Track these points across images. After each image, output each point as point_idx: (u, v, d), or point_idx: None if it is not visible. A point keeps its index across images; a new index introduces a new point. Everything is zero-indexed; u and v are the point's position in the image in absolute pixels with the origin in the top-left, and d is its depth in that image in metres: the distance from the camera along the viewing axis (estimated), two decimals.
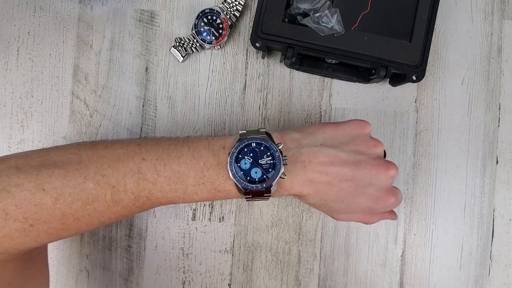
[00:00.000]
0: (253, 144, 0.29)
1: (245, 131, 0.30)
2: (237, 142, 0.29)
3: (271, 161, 0.29)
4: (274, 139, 0.30)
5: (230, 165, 0.28)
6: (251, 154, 0.29)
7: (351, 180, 0.30)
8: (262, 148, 0.29)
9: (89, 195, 0.27)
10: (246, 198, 0.30)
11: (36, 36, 0.41)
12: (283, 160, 0.29)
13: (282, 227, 0.41)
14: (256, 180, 0.29)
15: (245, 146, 0.29)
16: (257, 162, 0.29)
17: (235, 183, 0.29)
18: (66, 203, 0.27)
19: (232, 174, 0.28)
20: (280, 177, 0.29)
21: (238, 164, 0.29)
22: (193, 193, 0.29)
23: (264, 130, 0.30)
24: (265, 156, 0.29)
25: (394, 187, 0.32)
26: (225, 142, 0.30)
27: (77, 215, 0.27)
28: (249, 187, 0.29)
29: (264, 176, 0.29)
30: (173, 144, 0.30)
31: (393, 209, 0.35)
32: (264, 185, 0.29)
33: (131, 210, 0.29)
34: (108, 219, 0.29)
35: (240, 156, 0.29)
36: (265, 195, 0.30)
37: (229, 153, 0.29)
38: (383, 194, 0.31)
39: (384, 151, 0.33)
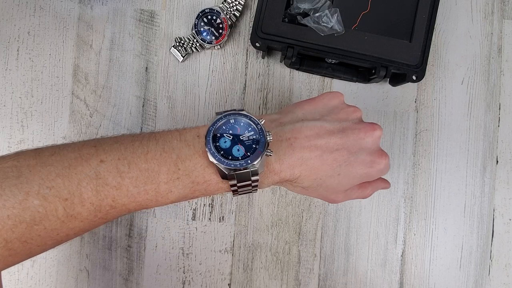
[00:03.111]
0: (232, 121, 0.27)
1: (221, 111, 0.28)
2: (214, 121, 0.26)
3: (254, 136, 0.26)
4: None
5: (208, 144, 0.25)
6: (231, 131, 0.26)
7: (342, 148, 0.28)
8: (242, 124, 0.27)
9: (35, 213, 0.23)
10: (231, 187, 0.26)
11: (36, 36, 0.41)
12: (267, 134, 0.26)
13: (282, 227, 0.41)
14: (239, 157, 0.26)
15: (223, 124, 0.26)
16: (238, 138, 0.26)
17: (215, 165, 0.25)
18: (7, 228, 0.22)
19: (211, 153, 0.25)
20: (266, 154, 0.26)
21: (217, 143, 0.26)
22: (167, 191, 0.26)
23: (243, 110, 0.28)
24: (246, 132, 0.26)
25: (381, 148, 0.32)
26: (199, 131, 0.27)
27: (23, 238, 0.23)
28: (232, 164, 0.25)
29: (248, 153, 0.26)
30: (138, 140, 0.26)
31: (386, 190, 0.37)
32: (248, 161, 0.25)
33: (93, 223, 0.25)
34: (65, 236, 0.25)
35: (219, 135, 0.26)
36: (252, 183, 0.26)
37: (205, 133, 0.26)
38: (376, 157, 0.30)
39: None
